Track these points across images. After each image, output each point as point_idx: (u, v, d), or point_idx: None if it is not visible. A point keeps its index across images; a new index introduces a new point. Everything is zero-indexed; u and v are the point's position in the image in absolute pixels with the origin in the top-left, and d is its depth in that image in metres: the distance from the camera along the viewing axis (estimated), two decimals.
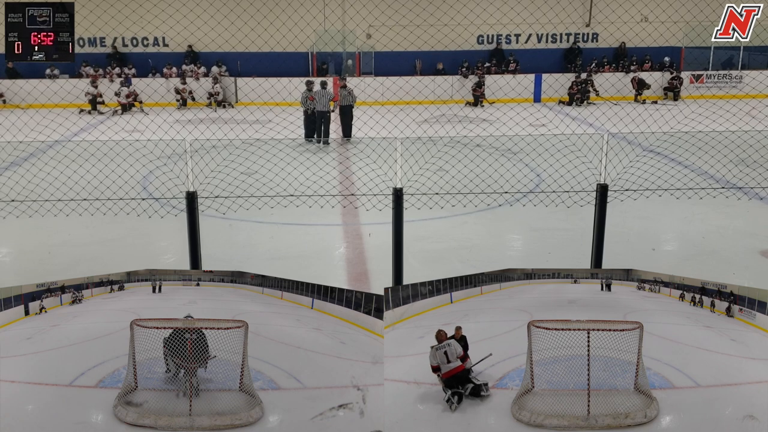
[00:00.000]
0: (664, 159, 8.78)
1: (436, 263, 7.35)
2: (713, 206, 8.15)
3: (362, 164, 8.68)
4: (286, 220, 8.27)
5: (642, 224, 8.83)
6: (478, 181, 8.14)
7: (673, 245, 8.93)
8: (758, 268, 7.60)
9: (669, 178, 6.43)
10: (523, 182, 9.76)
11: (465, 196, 7.16)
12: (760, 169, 8.20)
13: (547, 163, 8.77)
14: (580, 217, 5.19)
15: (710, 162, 8.58)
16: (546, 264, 7.35)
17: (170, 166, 7.46)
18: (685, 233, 8.99)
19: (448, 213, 7.78)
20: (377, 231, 7.74)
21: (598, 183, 4.89)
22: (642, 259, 7.52)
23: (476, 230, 8.79)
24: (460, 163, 8.77)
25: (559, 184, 7.04)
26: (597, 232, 4.83)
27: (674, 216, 9.30)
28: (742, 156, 9.16)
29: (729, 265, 7.76)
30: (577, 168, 7.38)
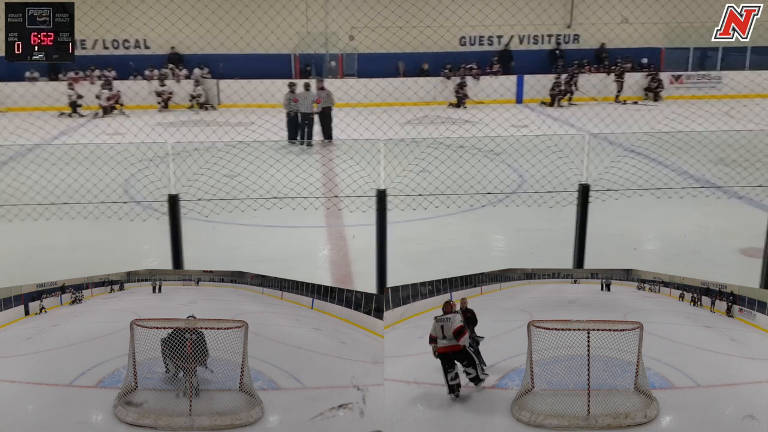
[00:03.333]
0: (645, 159, 8.86)
1: (420, 264, 7.33)
2: (694, 206, 8.20)
3: (346, 166, 8.59)
4: (270, 222, 8.20)
5: (624, 224, 8.89)
6: (461, 182, 8.07)
7: (654, 244, 9.04)
8: (739, 267, 7.60)
9: (650, 178, 6.46)
10: (506, 183, 9.82)
11: (448, 197, 7.14)
12: (739, 169, 8.26)
13: (530, 163, 8.80)
14: (563, 217, 5.19)
15: (690, 162, 8.81)
16: (529, 264, 7.28)
17: (152, 169, 7.41)
18: (666, 233, 9.08)
19: (431, 214, 7.78)
20: (361, 233, 7.73)
21: (579, 183, 4.90)
22: (624, 258, 7.59)
23: (460, 231, 8.83)
24: (443, 165, 8.82)
25: (541, 184, 7.06)
26: (579, 231, 4.86)
27: (655, 215, 9.37)
28: (722, 156, 9.32)
29: (710, 264, 7.83)
30: (559, 168, 7.35)
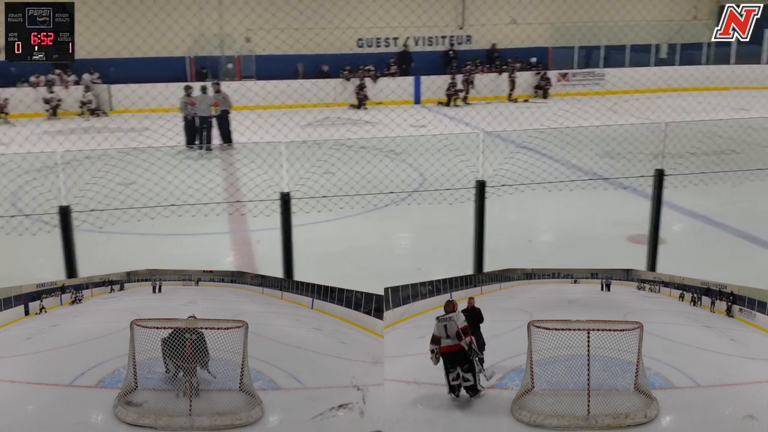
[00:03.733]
0: (536, 154, 9.21)
1: (327, 266, 7.27)
2: (583, 197, 8.47)
3: (247, 170, 8.51)
4: (170, 231, 8.04)
5: (519, 217, 9.28)
6: (363, 182, 8.17)
7: (549, 236, 9.45)
8: (627, 253, 7.98)
9: (541, 173, 6.69)
10: (407, 182, 9.93)
11: (352, 197, 7.17)
12: (623, 161, 8.66)
13: (429, 162, 8.94)
14: (463, 213, 5.30)
15: (578, 156, 9.22)
16: (433, 259, 7.66)
17: (41, 180, 7.18)
18: (559, 224, 9.51)
19: (336, 215, 7.89)
20: (266, 237, 7.57)
21: (476, 180, 4.97)
22: (520, 250, 8.04)
23: (365, 231, 8.89)
24: (345, 166, 8.87)
25: (440, 182, 7.19)
26: (477, 225, 4.96)
27: (549, 208, 9.71)
28: (607, 149, 9.67)
29: (600, 252, 8.20)
30: (456, 166, 7.45)
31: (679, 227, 9.36)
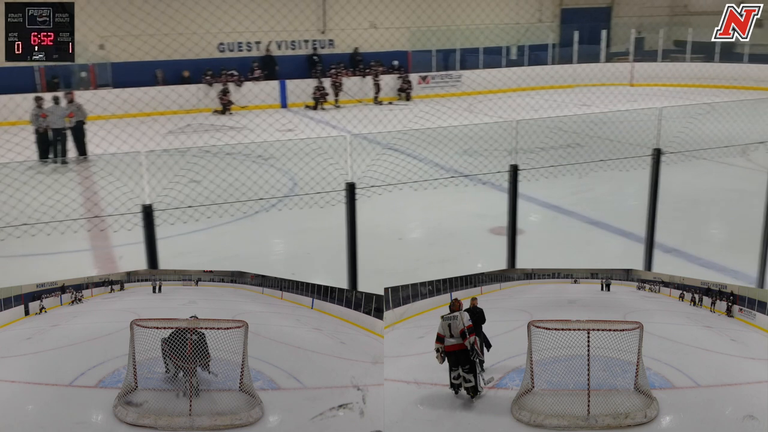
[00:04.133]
0: (401, 155, 9.24)
1: None
2: (447, 194, 8.75)
3: (105, 183, 8.20)
4: (23, 251, 7.72)
5: (389, 216, 9.53)
6: (232, 190, 8.07)
7: (418, 233, 9.94)
8: (490, 245, 8.57)
9: (407, 173, 6.69)
10: (277, 187, 9.84)
11: (220, 206, 6.94)
12: (481, 158, 8.84)
13: (298, 167, 8.90)
14: (335, 216, 5.31)
15: (440, 155, 9.65)
16: (308, 263, 7.78)
17: None
18: (426, 221, 10.03)
19: (205, 225, 7.70)
20: (130, 252, 7.23)
21: (346, 182, 4.97)
22: (391, 248, 8.41)
23: (237, 239, 8.83)
24: (211, 174, 8.72)
25: (310, 186, 7.09)
26: (349, 227, 4.95)
27: (416, 206, 10.16)
28: (465, 147, 10.16)
29: (465, 245, 8.75)
30: (326, 170, 7.43)
31: (535, 217, 10.17)
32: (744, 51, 26.37)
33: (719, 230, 10.15)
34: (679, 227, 9.22)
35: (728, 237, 9.63)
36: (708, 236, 9.70)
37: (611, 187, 11.20)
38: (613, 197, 10.91)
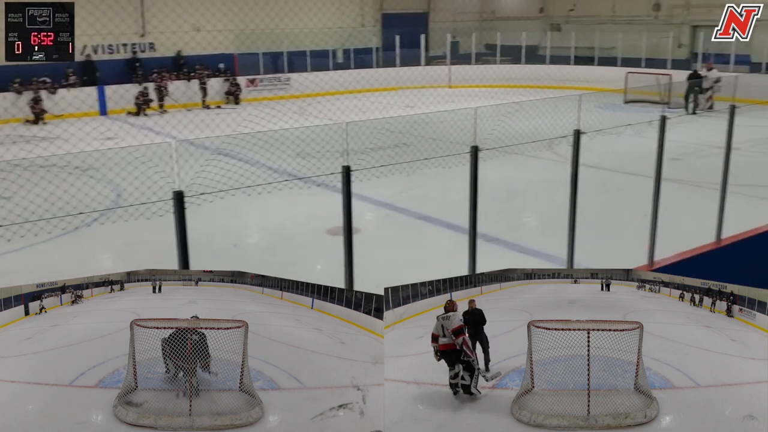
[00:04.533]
0: (233, 160, 9.28)
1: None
2: (282, 197, 8.47)
3: None
4: None
5: (223, 223, 9.51)
6: (47, 205, 7.38)
7: (254, 238, 9.98)
8: (326, 246, 8.70)
9: (239, 178, 6.58)
10: (98, 200, 9.23)
11: (35, 224, 6.32)
12: (314, 160, 9.05)
13: (120, 177, 8.57)
14: (165, 227, 5.14)
15: (272, 158, 9.42)
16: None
17: None
18: (263, 226, 10.08)
19: (20, 245, 7.21)
20: None
21: (173, 190, 4.77)
22: (226, 255, 8.31)
23: (58, 258, 8.41)
24: (23, 189, 8.05)
25: (135, 197, 6.70)
26: (180, 237, 4.74)
27: (251, 212, 10.26)
28: (298, 150, 10.16)
29: (303, 247, 8.92)
30: (151, 179, 7.15)
31: (370, 216, 10.58)
32: (546, 53, 29.16)
33: (533, 218, 11.03)
34: (499, 217, 9.95)
35: (541, 223, 10.47)
36: (524, 224, 10.64)
37: (437, 184, 11.83)
38: (439, 193, 11.57)
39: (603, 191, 11.76)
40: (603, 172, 12.92)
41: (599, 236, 9.21)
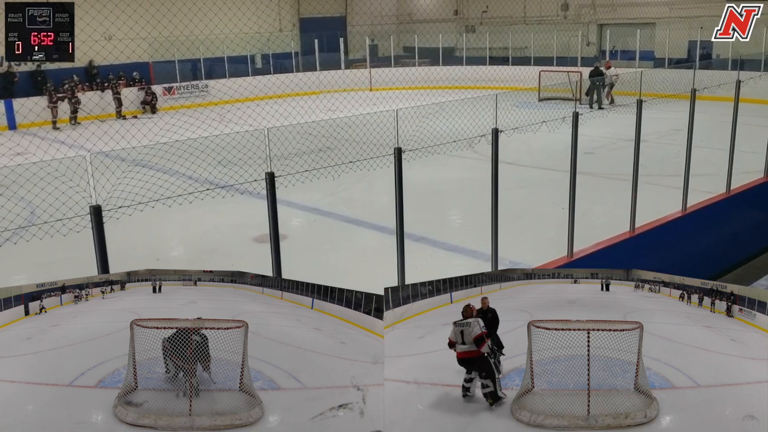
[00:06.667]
0: (152, 171, 9.00)
1: None
2: (205, 207, 8.44)
3: None
4: None
5: (145, 237, 9.48)
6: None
7: (178, 251, 9.86)
8: (254, 254, 8.75)
9: (158, 189, 6.33)
10: (9, 218, 8.45)
11: None
12: (236, 168, 8.43)
13: (32, 193, 8.24)
14: (85, 243, 5.00)
15: (193, 167, 9.18)
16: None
17: None
18: (185, 238, 10.04)
19: None
20: None
21: (90, 205, 4.73)
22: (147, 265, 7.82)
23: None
24: None
25: (49, 213, 6.39)
26: (99, 253, 4.72)
27: (174, 223, 10.18)
28: (219, 158, 10.04)
29: (230, 257, 8.93)
30: (66, 194, 7.05)
31: (297, 222, 10.61)
32: (462, 54, 30.13)
33: (457, 216, 11.25)
34: (425, 217, 10.03)
35: (465, 221, 10.68)
36: (449, 222, 10.85)
37: (363, 186, 11.99)
38: (365, 195, 11.72)
39: (522, 187, 12.15)
40: (521, 168, 13.43)
41: (521, 231, 9.68)
